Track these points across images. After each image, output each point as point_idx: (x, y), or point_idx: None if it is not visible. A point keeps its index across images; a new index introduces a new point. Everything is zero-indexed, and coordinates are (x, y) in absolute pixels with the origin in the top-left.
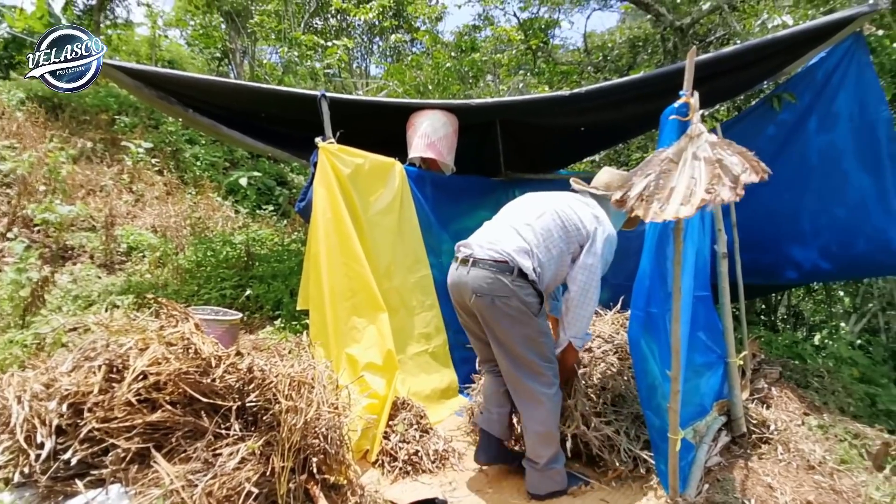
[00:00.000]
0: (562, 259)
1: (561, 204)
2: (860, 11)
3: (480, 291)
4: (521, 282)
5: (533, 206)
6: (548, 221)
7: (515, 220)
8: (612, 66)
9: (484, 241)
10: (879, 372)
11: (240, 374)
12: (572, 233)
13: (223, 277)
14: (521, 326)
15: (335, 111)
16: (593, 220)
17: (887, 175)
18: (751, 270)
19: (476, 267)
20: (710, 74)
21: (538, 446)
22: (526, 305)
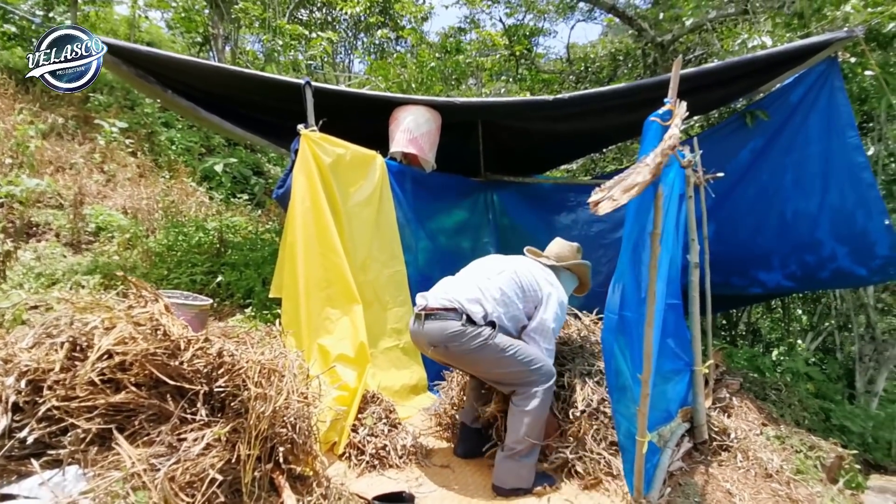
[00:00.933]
0: (516, 314)
1: (520, 266)
2: (836, 37)
3: (435, 342)
4: (469, 326)
5: (494, 265)
6: (507, 279)
7: (475, 275)
8: (593, 78)
9: (439, 292)
10: (833, 389)
11: (209, 359)
12: (529, 294)
13: (194, 263)
14: (484, 354)
15: (318, 102)
16: (548, 285)
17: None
18: (720, 285)
19: (429, 319)
20: (690, 89)
21: (521, 434)
22: (478, 340)
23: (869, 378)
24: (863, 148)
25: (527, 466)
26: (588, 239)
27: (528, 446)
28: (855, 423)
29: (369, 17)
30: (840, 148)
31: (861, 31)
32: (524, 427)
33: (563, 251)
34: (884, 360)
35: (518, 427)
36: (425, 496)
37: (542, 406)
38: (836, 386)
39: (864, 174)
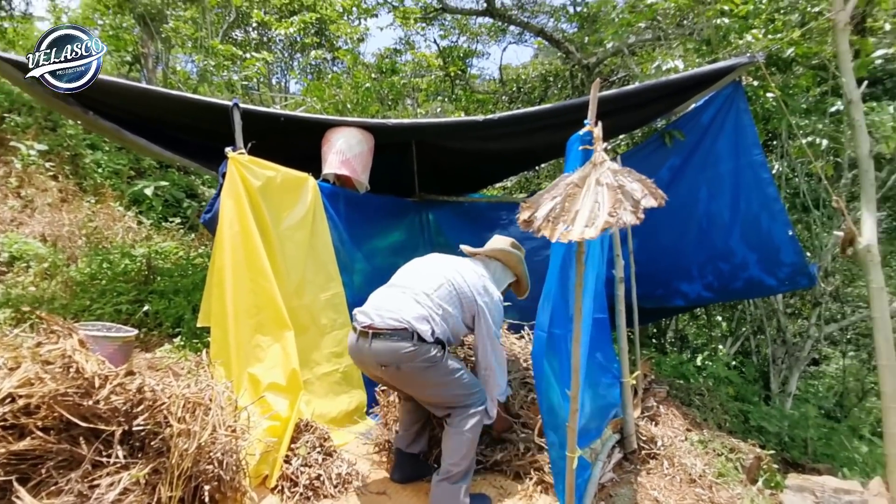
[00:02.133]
0: (457, 326)
1: (454, 274)
2: (739, 62)
3: (386, 362)
4: (421, 345)
5: (430, 276)
6: (444, 292)
7: (414, 290)
8: (525, 98)
9: (383, 310)
10: (751, 390)
11: (128, 396)
12: (465, 303)
13: (119, 292)
14: (433, 376)
15: (249, 123)
16: (483, 292)
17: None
18: (645, 298)
19: (378, 339)
20: (613, 109)
21: (458, 457)
22: (430, 359)
23: (783, 379)
24: (767, 165)
25: (463, 489)
26: None
27: (464, 468)
28: (771, 423)
29: (304, 37)
30: (747, 165)
31: (762, 57)
32: (462, 448)
33: (496, 244)
34: (795, 361)
35: (455, 449)
36: None
37: (478, 426)
38: (754, 388)
39: (769, 189)
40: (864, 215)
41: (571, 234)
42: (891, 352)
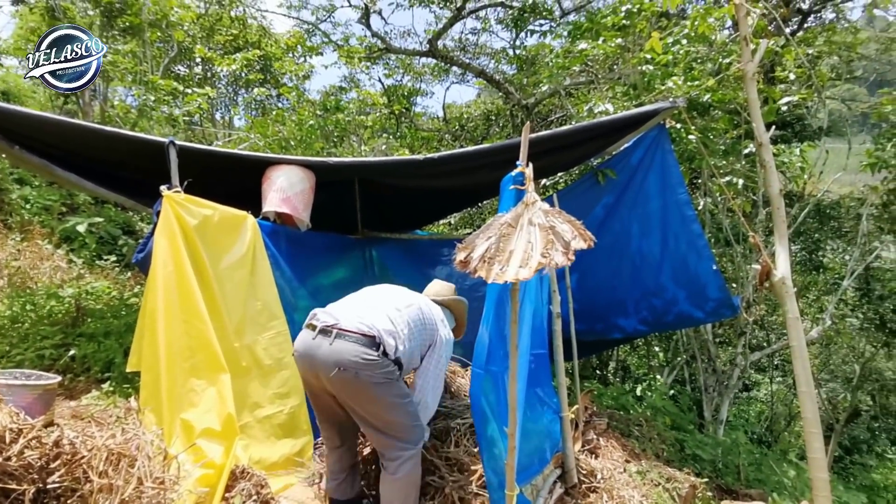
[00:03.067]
0: (414, 352)
1: (422, 302)
2: (663, 107)
3: (346, 365)
4: (384, 358)
5: (401, 296)
6: (414, 313)
7: (385, 304)
8: (468, 136)
9: (351, 314)
10: (686, 419)
11: (43, 450)
12: (428, 330)
13: (43, 335)
14: (385, 393)
15: (187, 161)
16: (442, 325)
17: (697, 246)
18: (586, 333)
19: (341, 339)
20: (550, 149)
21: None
22: (389, 374)
23: (715, 407)
24: (691, 203)
25: None
26: (463, 292)
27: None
28: (705, 451)
29: (249, 73)
30: (674, 203)
31: (683, 102)
32: (401, 497)
33: (441, 289)
34: (725, 389)
35: (393, 498)
36: None
37: (415, 471)
38: (689, 416)
39: (693, 226)
40: (778, 249)
41: (506, 276)
42: (809, 379)
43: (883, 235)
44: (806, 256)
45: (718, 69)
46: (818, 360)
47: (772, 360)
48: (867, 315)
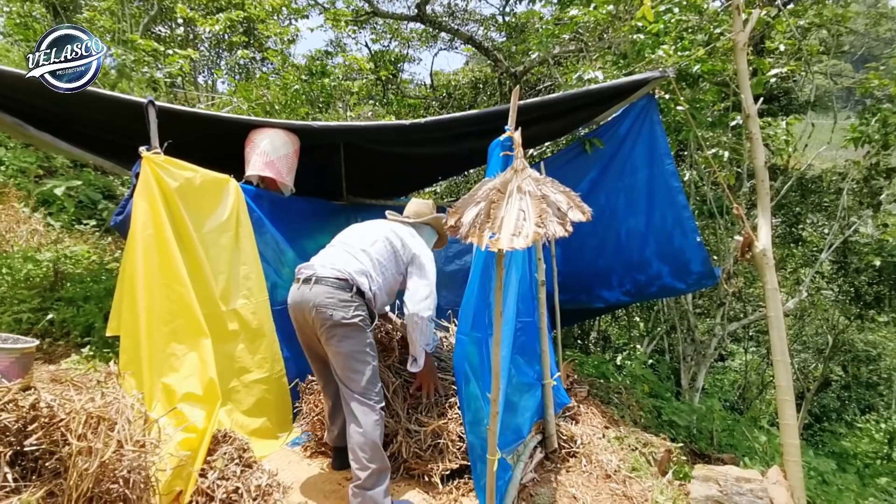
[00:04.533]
0: (393, 280)
1: (388, 232)
2: (652, 76)
3: (322, 304)
4: (358, 299)
5: (366, 234)
6: (380, 248)
7: (352, 247)
8: (456, 104)
9: (326, 262)
10: (664, 387)
11: (20, 413)
12: (400, 256)
13: (21, 299)
14: (353, 340)
15: (167, 123)
16: (417, 244)
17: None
18: (569, 302)
19: (318, 284)
20: (538, 117)
21: (363, 462)
22: (360, 320)
23: (692, 375)
24: (678, 174)
25: (380, 491)
26: (446, 260)
27: (374, 471)
28: (681, 417)
29: (232, 35)
30: (660, 174)
31: (672, 72)
32: (366, 450)
33: (420, 208)
34: (703, 358)
35: (360, 451)
36: None
37: (374, 429)
38: (667, 384)
39: (678, 197)
40: (760, 221)
41: (500, 243)
42: (784, 348)
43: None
44: (786, 230)
45: (709, 39)
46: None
47: (747, 331)
48: (843, 288)
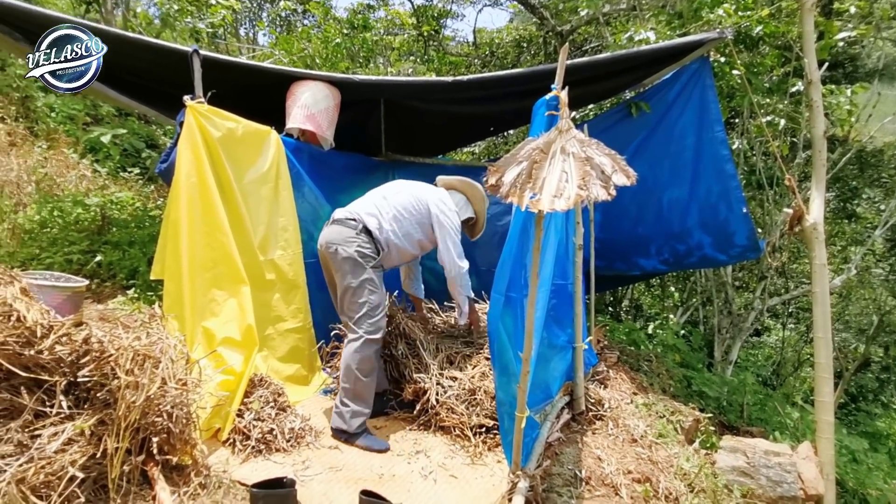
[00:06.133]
0: (413, 231)
1: (418, 189)
2: (709, 37)
3: (331, 241)
4: (363, 237)
5: (395, 187)
6: (403, 199)
7: (375, 195)
8: (498, 63)
9: (348, 207)
10: (696, 358)
11: (73, 346)
12: (423, 212)
13: (71, 241)
14: (352, 274)
15: (211, 73)
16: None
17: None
18: (605, 269)
19: (334, 224)
20: (583, 78)
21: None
22: (362, 256)
23: (726, 348)
24: (727, 142)
25: (350, 411)
26: None
27: (350, 392)
28: (712, 388)
29: None
30: (709, 141)
31: (731, 33)
32: (345, 372)
33: (449, 179)
34: (738, 332)
35: (343, 368)
36: (311, 479)
37: (361, 357)
38: (699, 355)
39: (727, 166)
40: (814, 194)
41: (541, 204)
42: (827, 325)
43: None
44: (840, 204)
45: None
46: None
47: (786, 307)
48: (894, 267)
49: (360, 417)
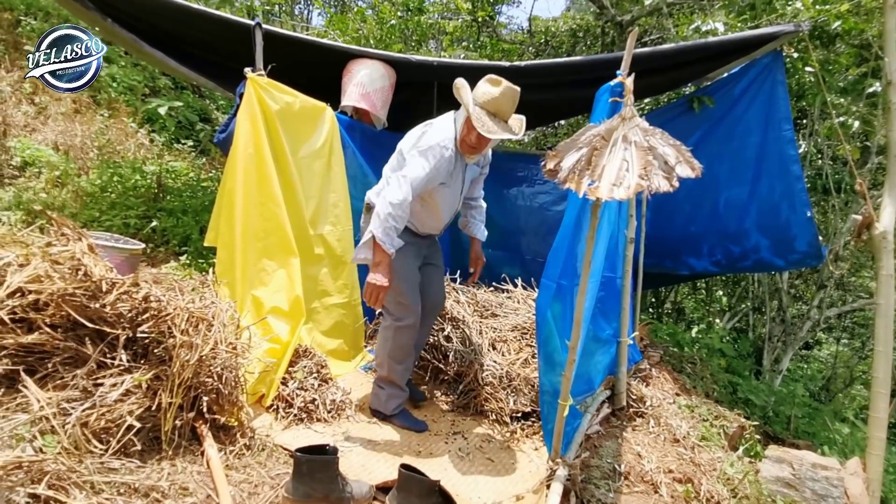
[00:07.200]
0: None
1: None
2: (785, 30)
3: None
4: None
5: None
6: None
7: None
8: (552, 52)
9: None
10: (742, 365)
11: (134, 303)
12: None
13: (129, 206)
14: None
15: (270, 47)
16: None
17: (792, 190)
18: (654, 267)
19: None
20: (644, 69)
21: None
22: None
23: (775, 357)
24: (795, 141)
25: (385, 394)
26: (532, 210)
27: (384, 378)
28: (759, 397)
29: None
30: (775, 140)
31: (807, 27)
32: (378, 356)
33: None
34: (791, 341)
35: (377, 354)
36: (350, 450)
37: (392, 345)
38: (746, 363)
39: (793, 167)
40: (886, 201)
41: (599, 192)
42: (889, 339)
43: None
44: None
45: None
46: None
47: (841, 321)
48: None
49: (396, 399)
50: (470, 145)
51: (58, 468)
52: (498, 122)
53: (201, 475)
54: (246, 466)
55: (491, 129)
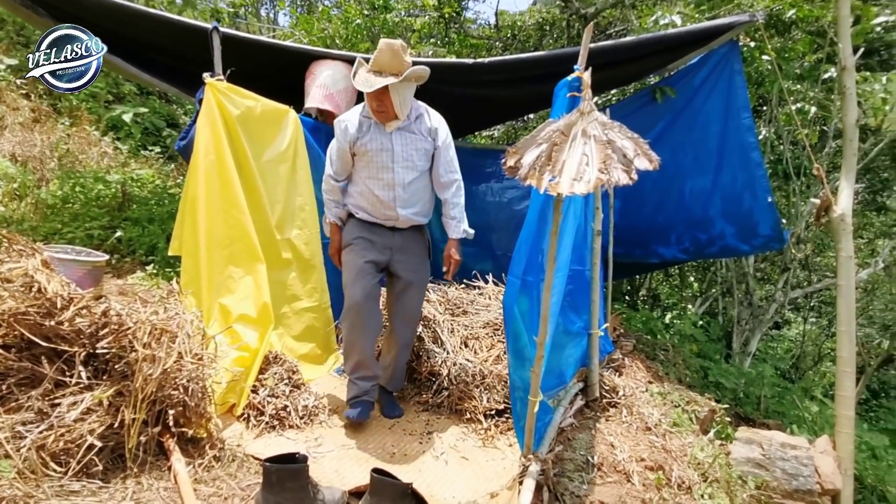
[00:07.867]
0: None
1: None
2: (739, 21)
3: None
4: None
5: None
6: None
7: None
8: (520, 46)
9: None
10: (713, 349)
11: (93, 318)
12: None
13: (92, 217)
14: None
15: (230, 50)
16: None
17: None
18: (624, 256)
19: None
20: (607, 62)
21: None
22: None
23: (744, 339)
24: (755, 129)
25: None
26: (501, 206)
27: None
28: (729, 380)
29: None
30: (735, 128)
31: (762, 17)
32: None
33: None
34: (758, 323)
35: None
36: (323, 456)
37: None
38: (716, 346)
39: (753, 154)
40: (843, 184)
41: (560, 187)
42: (851, 319)
43: None
44: (869, 196)
45: None
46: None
47: (808, 301)
48: None
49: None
50: (373, 109)
51: (13, 493)
52: (382, 76)
53: (168, 491)
54: (215, 479)
55: (369, 81)
